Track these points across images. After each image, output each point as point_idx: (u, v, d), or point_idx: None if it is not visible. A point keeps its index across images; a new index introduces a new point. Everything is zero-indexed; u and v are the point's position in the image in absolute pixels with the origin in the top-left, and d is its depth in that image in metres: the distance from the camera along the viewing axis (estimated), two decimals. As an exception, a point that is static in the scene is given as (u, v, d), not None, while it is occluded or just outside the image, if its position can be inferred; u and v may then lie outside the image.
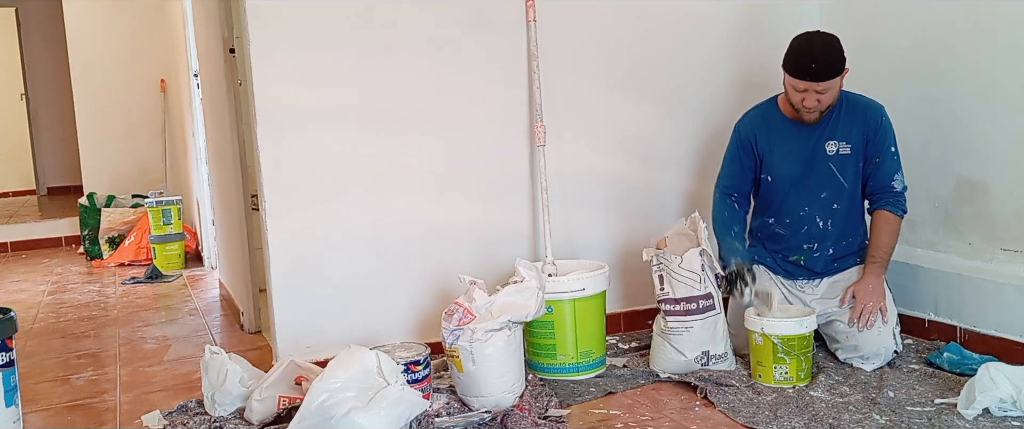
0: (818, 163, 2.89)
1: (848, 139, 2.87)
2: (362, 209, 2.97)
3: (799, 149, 2.91)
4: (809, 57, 2.73)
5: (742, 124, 3.02)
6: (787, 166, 2.93)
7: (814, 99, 2.76)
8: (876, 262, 2.86)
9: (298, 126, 2.86)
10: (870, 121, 2.86)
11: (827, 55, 2.73)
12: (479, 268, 2.99)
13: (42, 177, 9.33)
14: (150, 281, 5.02)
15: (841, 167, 2.88)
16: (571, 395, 2.70)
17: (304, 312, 2.93)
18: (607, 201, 3.32)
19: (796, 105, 2.83)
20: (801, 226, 2.94)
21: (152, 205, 5.52)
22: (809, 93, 2.76)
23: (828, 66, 2.73)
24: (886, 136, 2.86)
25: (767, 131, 2.95)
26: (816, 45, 2.75)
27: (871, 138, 2.86)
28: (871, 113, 2.88)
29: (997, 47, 2.87)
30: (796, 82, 2.76)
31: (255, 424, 2.51)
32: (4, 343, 2.30)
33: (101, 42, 6.76)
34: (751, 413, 2.49)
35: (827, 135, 2.88)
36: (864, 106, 2.89)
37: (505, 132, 3.14)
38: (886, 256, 2.87)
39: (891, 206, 2.86)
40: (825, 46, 2.75)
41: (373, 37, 2.93)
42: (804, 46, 2.77)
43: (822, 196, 2.90)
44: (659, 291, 2.84)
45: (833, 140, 2.87)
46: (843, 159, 2.87)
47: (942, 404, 2.48)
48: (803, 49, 2.76)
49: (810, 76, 2.72)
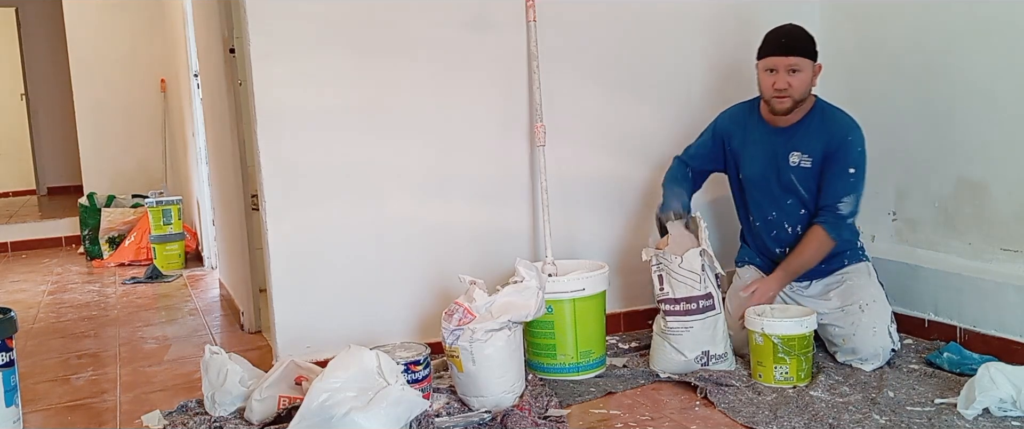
0: (781, 173, 2.90)
1: (810, 152, 2.84)
2: (362, 209, 2.97)
3: (765, 154, 2.92)
4: (779, 34, 2.82)
5: (723, 116, 3.08)
6: (754, 168, 2.95)
7: (784, 81, 2.77)
8: (784, 270, 2.87)
9: (298, 126, 2.86)
10: (834, 137, 2.82)
11: (797, 32, 2.81)
12: (479, 268, 2.99)
13: (42, 177, 9.33)
14: (150, 281, 5.02)
15: (802, 179, 2.87)
16: (571, 395, 2.70)
17: (304, 312, 2.93)
18: (607, 201, 3.32)
19: (767, 92, 2.84)
20: (771, 230, 2.97)
21: (152, 205, 5.52)
22: (780, 74, 2.77)
23: (798, 40, 2.79)
24: (846, 156, 2.80)
25: (743, 129, 2.98)
26: (785, 27, 2.85)
27: (830, 154, 2.81)
28: (837, 129, 2.83)
29: (997, 47, 2.87)
30: (766, 62, 2.81)
31: (255, 424, 2.51)
32: (4, 343, 2.30)
33: (101, 42, 6.76)
34: (751, 413, 2.49)
35: (793, 145, 2.87)
36: (834, 121, 2.85)
37: (505, 132, 3.15)
38: (799, 270, 2.87)
39: (828, 226, 2.82)
40: (795, 27, 2.84)
41: (373, 37, 2.93)
42: (774, 29, 2.86)
43: (788, 202, 2.91)
44: (659, 291, 2.84)
45: (797, 151, 2.86)
46: (804, 172, 2.86)
47: (942, 404, 2.48)
48: (773, 31, 2.86)
49: (780, 50, 2.78)
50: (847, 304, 2.85)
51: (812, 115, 2.88)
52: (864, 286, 2.88)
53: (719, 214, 3.37)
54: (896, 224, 3.27)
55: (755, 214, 3.02)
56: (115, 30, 6.76)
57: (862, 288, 2.88)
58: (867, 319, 2.80)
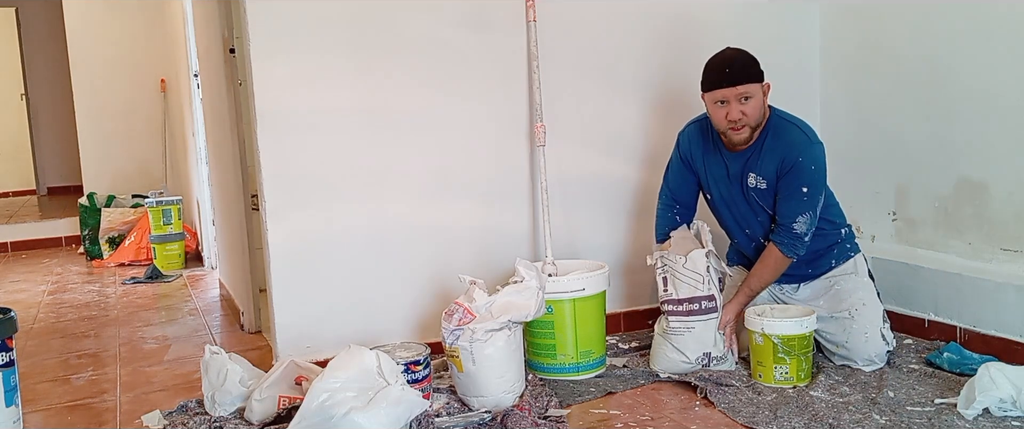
0: (742, 194, 2.85)
1: (764, 174, 2.77)
2: (362, 209, 2.97)
3: (726, 176, 2.87)
4: (720, 64, 2.71)
5: (682, 137, 2.98)
6: (718, 191, 2.91)
7: (738, 111, 2.67)
8: (742, 291, 2.83)
9: (298, 126, 2.86)
10: (785, 159, 2.72)
11: (739, 58, 2.70)
12: (479, 268, 2.99)
13: (42, 177, 9.33)
14: (150, 281, 5.02)
15: (761, 198, 2.82)
16: (571, 395, 2.70)
17: (304, 312, 2.93)
18: (607, 201, 3.32)
19: (721, 126, 2.73)
20: (750, 243, 2.94)
21: (152, 205, 5.52)
22: (732, 105, 2.67)
23: (743, 66, 2.68)
24: (798, 177, 2.71)
25: (702, 152, 2.91)
26: (725, 54, 2.74)
27: (783, 176, 2.74)
28: (788, 151, 2.72)
29: (997, 47, 2.87)
30: (714, 94, 2.70)
31: (255, 424, 2.51)
32: (4, 343, 2.30)
33: (101, 42, 6.76)
34: (751, 413, 2.49)
35: (749, 167, 2.80)
36: (785, 142, 2.74)
37: (505, 132, 3.15)
38: (758, 288, 2.84)
39: (784, 246, 2.77)
40: (734, 53, 2.73)
41: (373, 37, 2.93)
42: (712, 60, 2.75)
43: (759, 219, 2.87)
44: (662, 292, 2.84)
45: (752, 172, 2.80)
46: (761, 193, 2.81)
47: (942, 404, 2.48)
48: (712, 62, 2.74)
49: (726, 80, 2.66)
50: (837, 311, 2.83)
51: (764, 134, 2.77)
52: (852, 290, 2.85)
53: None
54: (896, 224, 3.27)
55: (730, 230, 2.99)
56: (115, 30, 6.76)
57: (850, 293, 2.85)
58: (858, 325, 2.78)
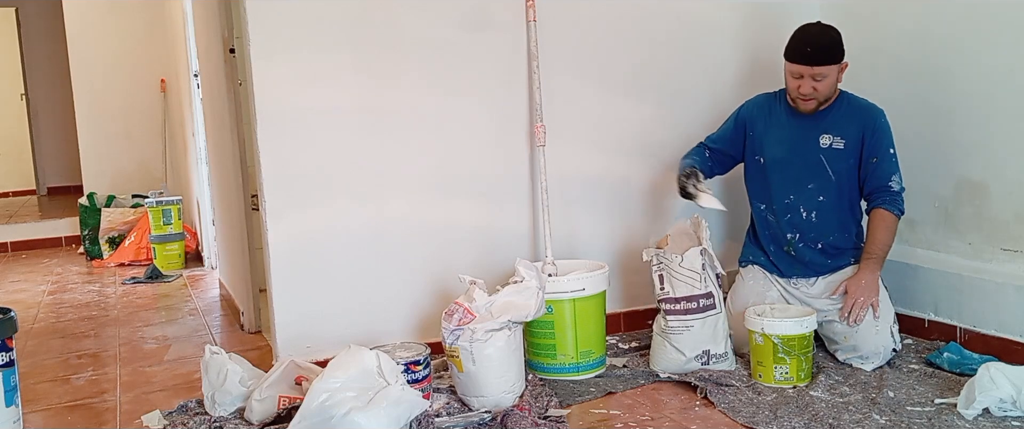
0: (809, 153, 2.93)
1: (843, 134, 2.90)
2: (362, 209, 2.97)
3: (792, 136, 2.96)
4: (804, 41, 2.83)
5: (746, 105, 3.11)
6: (778, 150, 2.98)
7: (810, 86, 2.83)
8: (871, 258, 2.87)
9: (298, 126, 2.86)
10: (868, 120, 2.90)
11: (822, 40, 2.82)
12: (479, 268, 2.99)
13: (42, 177, 9.33)
14: (150, 281, 5.02)
15: (832, 160, 2.90)
16: (571, 395, 2.70)
17: (304, 312, 2.93)
18: (607, 201, 3.32)
19: (792, 93, 2.89)
20: (785, 213, 2.98)
21: (152, 205, 5.52)
22: (805, 79, 2.82)
23: (823, 50, 2.80)
24: (884, 137, 2.89)
25: (766, 115, 3.02)
26: (812, 31, 2.86)
27: (868, 137, 2.88)
28: (870, 113, 2.91)
29: (997, 47, 2.87)
30: (792, 67, 2.84)
31: (255, 424, 2.51)
32: (4, 343, 2.30)
33: (101, 42, 6.75)
34: (751, 413, 2.49)
35: (823, 128, 2.92)
36: (864, 107, 2.94)
37: (505, 132, 3.14)
38: (881, 253, 2.87)
39: (888, 205, 2.87)
40: (821, 32, 2.84)
41: (373, 37, 2.93)
42: (801, 32, 2.86)
43: (809, 186, 2.93)
44: (659, 290, 2.84)
45: (828, 133, 2.91)
46: (836, 153, 2.90)
47: (942, 404, 2.48)
48: (800, 35, 2.86)
49: (805, 59, 2.80)
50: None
51: (839, 102, 2.93)
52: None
53: (720, 215, 3.37)
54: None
55: (774, 196, 2.99)
56: (115, 30, 6.75)
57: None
58: (869, 316, 2.80)
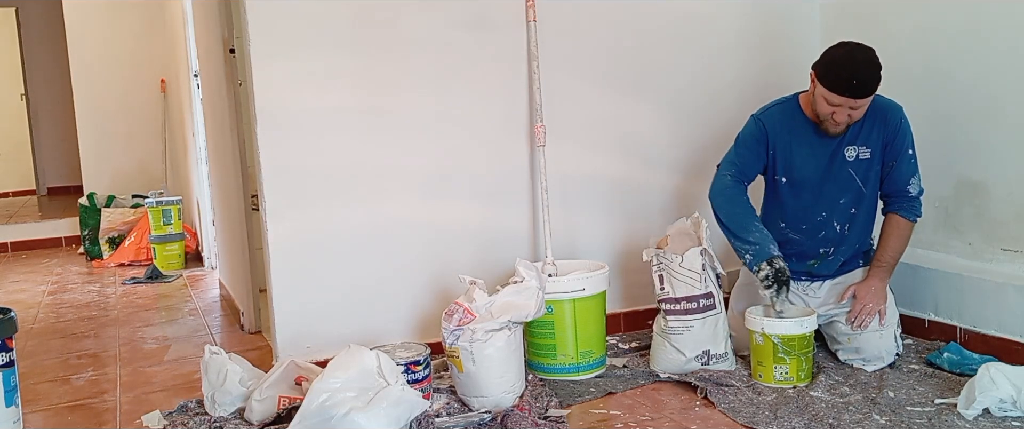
0: (837, 169, 2.82)
1: (867, 143, 2.80)
2: (362, 209, 2.97)
3: (819, 154, 2.82)
4: (850, 72, 2.62)
5: (765, 118, 2.88)
6: (806, 170, 2.84)
7: (846, 115, 2.68)
8: (882, 266, 2.83)
9: (298, 126, 2.86)
10: (889, 124, 2.78)
11: (868, 71, 2.63)
12: (479, 268, 2.99)
13: (42, 177, 9.33)
14: (150, 281, 5.02)
15: (859, 171, 2.81)
16: (571, 395, 2.70)
17: (304, 312, 2.93)
18: (607, 201, 3.32)
19: (823, 117, 2.72)
20: (818, 231, 2.88)
21: (152, 205, 5.52)
22: (842, 109, 2.66)
23: (869, 83, 2.63)
24: (904, 139, 2.79)
25: (788, 132, 2.84)
26: (858, 60, 2.64)
27: (890, 142, 2.79)
28: (891, 115, 2.79)
29: (997, 48, 2.87)
30: (831, 96, 2.65)
31: (255, 424, 2.51)
32: (4, 343, 2.30)
33: (101, 42, 6.75)
34: (751, 413, 2.49)
35: (847, 140, 2.80)
36: (883, 108, 2.79)
37: (505, 132, 3.14)
38: (893, 261, 2.84)
39: (904, 211, 2.81)
40: (867, 62, 2.64)
41: (373, 37, 2.93)
42: (845, 61, 2.65)
43: (841, 202, 2.84)
44: (659, 290, 2.84)
45: (853, 145, 2.80)
46: (863, 164, 2.81)
47: (942, 404, 2.48)
48: (844, 64, 2.64)
49: (850, 92, 2.62)
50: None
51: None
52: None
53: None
54: (896, 224, 3.26)
55: (804, 216, 2.87)
56: (115, 30, 6.75)
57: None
58: (875, 322, 2.79)
